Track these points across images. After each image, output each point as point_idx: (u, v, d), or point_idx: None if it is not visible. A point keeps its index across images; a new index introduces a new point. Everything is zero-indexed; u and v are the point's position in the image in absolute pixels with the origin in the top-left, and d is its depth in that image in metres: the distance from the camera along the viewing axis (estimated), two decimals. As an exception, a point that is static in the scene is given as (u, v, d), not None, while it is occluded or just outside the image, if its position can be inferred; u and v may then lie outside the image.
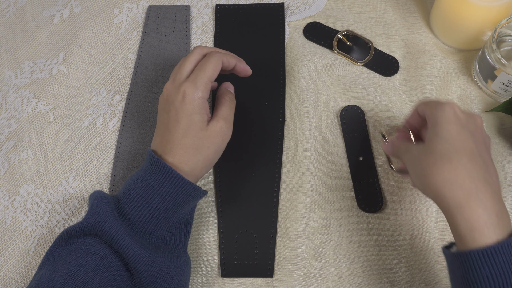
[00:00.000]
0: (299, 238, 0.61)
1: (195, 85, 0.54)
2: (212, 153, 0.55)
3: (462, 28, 0.67)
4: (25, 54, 0.74)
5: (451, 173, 0.45)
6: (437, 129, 0.48)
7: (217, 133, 0.55)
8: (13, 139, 0.69)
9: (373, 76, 0.70)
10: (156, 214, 0.53)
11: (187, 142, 0.54)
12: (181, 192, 0.53)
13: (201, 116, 0.54)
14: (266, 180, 0.65)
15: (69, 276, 0.49)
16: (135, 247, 0.51)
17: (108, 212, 0.52)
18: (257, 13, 0.74)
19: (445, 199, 0.45)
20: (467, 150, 0.46)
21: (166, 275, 0.52)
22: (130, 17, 0.76)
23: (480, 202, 0.44)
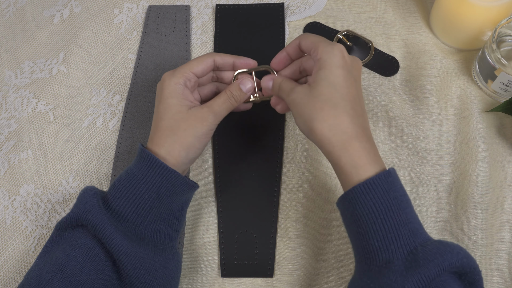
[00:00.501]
0: (299, 238, 0.61)
1: (173, 73, 0.56)
2: (189, 136, 0.54)
3: (462, 28, 0.67)
4: (25, 54, 0.74)
5: (336, 119, 0.49)
6: (325, 72, 0.50)
7: (196, 117, 0.54)
8: (13, 139, 0.69)
9: (373, 76, 0.70)
10: (141, 204, 0.52)
11: (163, 124, 0.54)
12: (166, 181, 0.53)
13: (178, 100, 0.55)
14: (266, 180, 0.65)
15: (57, 269, 0.49)
16: (118, 237, 0.50)
17: (92, 202, 0.52)
18: (257, 13, 0.74)
19: (330, 143, 0.49)
20: (351, 97, 0.50)
21: (150, 267, 0.52)
22: (130, 17, 0.76)
23: (360, 144, 0.48)
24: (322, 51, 0.52)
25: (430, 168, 0.64)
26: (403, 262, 0.45)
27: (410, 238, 0.46)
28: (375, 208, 0.47)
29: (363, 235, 0.47)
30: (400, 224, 0.46)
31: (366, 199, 0.47)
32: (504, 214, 0.61)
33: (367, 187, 0.47)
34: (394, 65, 0.70)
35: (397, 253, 0.46)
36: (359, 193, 0.47)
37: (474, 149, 0.64)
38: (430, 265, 0.44)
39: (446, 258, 0.44)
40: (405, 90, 0.69)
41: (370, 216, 0.47)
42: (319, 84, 0.50)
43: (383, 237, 0.46)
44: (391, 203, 0.47)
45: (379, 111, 0.67)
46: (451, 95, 0.67)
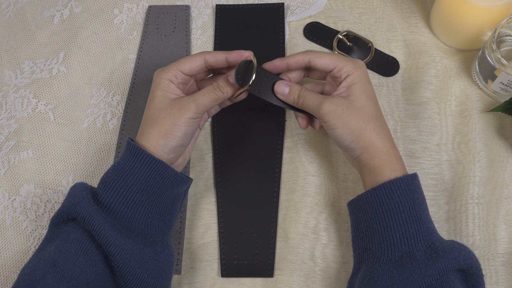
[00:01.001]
0: (299, 238, 0.61)
1: (162, 69, 0.57)
2: (167, 123, 0.53)
3: (462, 28, 0.67)
4: (25, 54, 0.74)
5: (381, 129, 0.54)
6: (361, 87, 0.55)
7: (176, 105, 0.54)
8: (13, 139, 0.69)
9: (373, 77, 0.70)
10: (131, 196, 0.52)
11: (146, 115, 0.55)
12: (153, 172, 0.53)
13: (162, 92, 0.55)
14: (266, 180, 0.65)
15: (50, 264, 0.50)
16: (106, 228, 0.50)
17: (81, 195, 0.52)
18: (257, 13, 0.74)
19: (377, 149, 0.54)
20: (381, 110, 0.57)
21: (140, 259, 0.51)
22: (130, 17, 0.76)
23: (396, 152, 0.55)
24: (352, 68, 0.56)
25: (429, 168, 0.64)
26: (424, 254, 0.49)
27: (428, 235, 0.51)
28: (401, 203, 0.51)
29: (385, 227, 0.51)
30: (420, 222, 0.51)
31: (394, 195, 0.51)
32: (503, 214, 0.61)
33: (396, 185, 0.51)
34: (394, 65, 0.70)
35: (417, 246, 0.50)
36: (388, 189, 0.51)
37: (473, 150, 0.64)
38: (449, 257, 0.48)
39: (461, 254, 0.49)
40: (405, 90, 0.69)
41: (395, 211, 0.51)
42: (360, 97, 0.54)
43: (405, 231, 0.50)
44: (414, 202, 0.51)
45: (379, 111, 0.68)
46: (451, 95, 0.67)
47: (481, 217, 0.61)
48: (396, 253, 0.50)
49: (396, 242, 0.50)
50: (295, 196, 0.63)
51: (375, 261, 0.51)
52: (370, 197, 0.52)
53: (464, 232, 0.61)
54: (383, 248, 0.51)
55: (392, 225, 0.50)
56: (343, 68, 0.56)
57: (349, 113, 0.54)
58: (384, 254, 0.50)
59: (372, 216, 0.52)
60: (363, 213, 0.53)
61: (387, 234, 0.50)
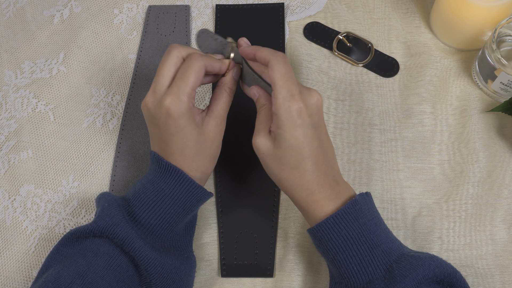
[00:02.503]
0: (298, 238, 0.61)
1: (179, 99, 0.51)
2: (215, 150, 0.55)
3: (462, 28, 0.67)
4: (25, 54, 0.74)
5: (297, 180, 0.51)
6: (284, 135, 0.50)
7: (214, 132, 0.55)
8: (13, 139, 0.69)
9: (373, 77, 0.70)
10: (167, 218, 0.53)
11: (189, 152, 0.53)
12: (192, 196, 0.53)
13: (193, 126, 0.53)
14: (266, 180, 0.64)
15: (77, 275, 0.49)
16: (147, 250, 0.51)
17: (119, 216, 0.52)
18: (257, 13, 0.74)
19: (294, 198, 0.53)
20: (312, 153, 0.51)
21: (175, 276, 0.53)
22: (130, 17, 0.76)
23: (322, 194, 0.51)
24: (280, 107, 0.49)
25: (428, 168, 0.64)
26: (383, 281, 0.48)
27: (384, 258, 0.49)
28: (348, 235, 0.49)
29: (340, 261, 0.50)
30: (373, 247, 0.49)
31: (339, 229, 0.49)
32: (502, 214, 0.61)
33: (337, 219, 0.49)
34: (394, 66, 0.70)
35: (375, 273, 0.49)
36: (330, 224, 0.50)
37: (473, 150, 0.64)
38: (406, 280, 0.47)
39: (419, 272, 0.47)
40: (405, 91, 0.69)
41: (345, 243, 0.49)
42: (281, 146, 0.50)
43: (360, 260, 0.49)
44: (361, 229, 0.49)
45: (379, 112, 0.67)
46: (451, 95, 0.67)
47: (478, 217, 0.61)
48: (357, 284, 0.49)
49: (354, 274, 0.49)
50: (295, 196, 0.63)
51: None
52: (316, 234, 0.51)
53: (462, 232, 0.61)
54: (345, 280, 0.50)
55: (346, 258, 0.49)
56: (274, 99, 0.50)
57: (269, 161, 0.52)
58: (347, 286, 0.50)
59: (325, 251, 0.51)
60: (317, 246, 0.52)
61: (344, 268, 0.50)
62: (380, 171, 0.64)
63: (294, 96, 0.50)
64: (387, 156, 0.65)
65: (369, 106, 0.68)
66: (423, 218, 0.62)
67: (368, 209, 0.51)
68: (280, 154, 0.51)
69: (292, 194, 0.52)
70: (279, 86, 0.50)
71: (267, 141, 0.52)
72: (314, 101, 0.51)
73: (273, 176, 0.53)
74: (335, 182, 0.52)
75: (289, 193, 0.53)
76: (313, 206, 0.51)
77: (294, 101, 0.49)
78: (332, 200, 0.51)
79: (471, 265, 0.59)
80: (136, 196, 0.53)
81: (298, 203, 0.53)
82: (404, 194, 0.63)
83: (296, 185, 0.51)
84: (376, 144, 0.66)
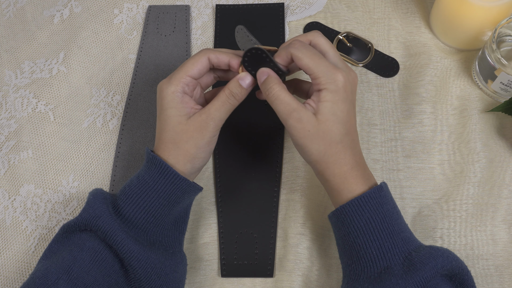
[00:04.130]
0: (298, 238, 0.61)
1: (169, 81, 0.53)
2: (192, 147, 0.53)
3: (462, 28, 0.67)
4: (25, 54, 0.74)
5: (340, 154, 0.51)
6: (332, 107, 0.51)
7: (196, 127, 0.53)
8: (13, 139, 0.69)
9: (373, 77, 0.70)
10: (152, 211, 0.53)
11: (165, 137, 0.53)
12: (176, 189, 0.53)
13: (177, 110, 0.53)
14: (266, 180, 0.65)
15: (63, 270, 0.49)
16: (129, 243, 0.51)
17: (102, 208, 0.52)
18: (257, 13, 0.74)
19: (332, 173, 0.52)
20: (353, 129, 0.53)
21: (160, 271, 0.52)
22: (130, 17, 0.76)
23: (358, 172, 0.52)
24: (326, 82, 0.50)
25: (428, 168, 0.64)
26: (401, 268, 0.48)
27: (404, 246, 0.50)
28: (372, 219, 0.50)
29: (360, 245, 0.50)
30: (394, 234, 0.50)
31: (363, 212, 0.50)
32: (502, 214, 0.61)
33: (363, 201, 0.50)
34: (394, 66, 0.70)
35: (394, 259, 0.49)
36: (356, 206, 0.50)
37: (473, 150, 0.64)
38: (426, 268, 0.47)
39: (439, 261, 0.48)
40: (405, 91, 0.69)
41: (367, 227, 0.50)
42: (328, 119, 0.50)
43: (380, 246, 0.49)
44: (384, 215, 0.50)
45: (379, 112, 0.67)
46: (451, 95, 0.67)
47: (479, 217, 0.61)
48: (374, 270, 0.49)
49: (373, 258, 0.49)
50: (295, 196, 0.63)
51: (355, 278, 0.50)
52: (340, 215, 0.51)
53: (463, 232, 0.61)
54: (361, 265, 0.50)
55: (366, 241, 0.49)
56: (318, 79, 0.51)
57: (313, 137, 0.51)
58: (363, 271, 0.50)
59: (346, 234, 0.51)
60: (338, 229, 0.52)
61: (363, 252, 0.50)
62: (380, 171, 0.64)
63: (336, 69, 0.51)
64: (387, 156, 0.65)
65: (369, 106, 0.68)
66: (423, 218, 0.62)
67: (391, 197, 0.52)
68: (327, 128, 0.51)
69: (333, 169, 0.51)
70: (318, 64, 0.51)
71: (310, 116, 0.51)
72: (352, 77, 0.53)
73: (317, 153, 0.51)
74: (364, 163, 0.53)
75: (329, 169, 0.52)
76: (350, 182, 0.51)
77: (337, 74, 0.51)
78: (365, 180, 0.52)
79: (472, 265, 0.59)
80: (122, 191, 0.54)
81: (334, 179, 0.52)
82: (404, 194, 0.63)
83: (339, 159, 0.51)
84: (376, 144, 0.66)
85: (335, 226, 0.53)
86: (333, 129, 0.51)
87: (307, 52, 0.52)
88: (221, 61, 0.55)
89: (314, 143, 0.51)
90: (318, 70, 0.51)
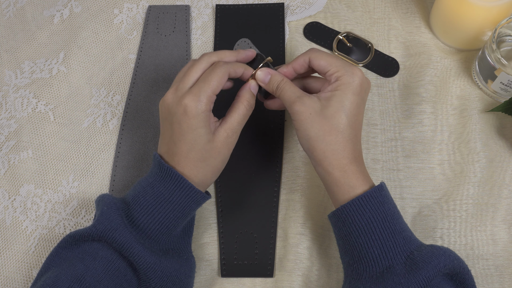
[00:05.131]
0: (298, 238, 0.61)
1: (198, 99, 0.52)
2: (219, 162, 0.55)
3: (462, 28, 0.67)
4: (25, 54, 0.74)
5: (340, 145, 0.51)
6: (341, 96, 0.52)
7: (223, 143, 0.54)
8: (13, 139, 0.69)
9: (373, 77, 0.70)
10: (165, 223, 0.53)
11: (194, 156, 0.53)
12: (192, 202, 0.53)
13: (206, 130, 0.53)
14: (266, 180, 0.65)
15: (75, 279, 0.49)
16: (146, 254, 0.51)
17: (118, 220, 0.52)
18: (257, 13, 0.74)
19: (330, 165, 0.52)
20: (357, 125, 0.53)
21: (175, 279, 0.53)
22: (130, 17, 0.76)
23: (357, 168, 0.52)
24: (344, 73, 0.52)
25: (428, 168, 0.64)
26: (403, 266, 0.48)
27: (406, 245, 0.50)
28: (373, 218, 0.50)
29: (361, 244, 0.50)
30: (395, 233, 0.50)
31: (364, 211, 0.50)
32: (502, 214, 0.61)
33: (365, 200, 0.50)
34: (394, 66, 0.70)
35: (396, 259, 0.49)
36: (357, 205, 0.50)
37: (473, 150, 0.64)
38: (428, 267, 0.47)
39: (441, 260, 0.48)
40: (405, 91, 0.69)
41: (368, 226, 0.50)
42: (333, 106, 0.51)
43: (382, 245, 0.49)
44: (386, 214, 0.50)
45: (379, 112, 0.67)
46: (451, 95, 0.67)
47: (479, 217, 0.61)
48: (376, 269, 0.49)
49: (374, 258, 0.49)
50: (295, 196, 0.64)
51: (358, 278, 0.50)
52: (341, 215, 0.51)
53: (463, 232, 0.61)
54: (363, 265, 0.50)
55: (368, 241, 0.49)
56: (336, 72, 0.53)
57: (314, 120, 0.51)
58: (365, 271, 0.50)
59: (347, 233, 0.51)
60: (339, 229, 0.52)
61: (364, 252, 0.50)
62: (380, 171, 0.64)
63: (355, 67, 0.53)
64: (387, 156, 0.65)
65: (369, 106, 0.68)
66: (423, 218, 0.62)
67: (390, 197, 0.52)
68: (330, 113, 0.51)
69: (331, 159, 0.51)
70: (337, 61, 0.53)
71: (313, 102, 0.52)
72: (368, 82, 0.54)
73: (315, 139, 0.52)
74: (363, 162, 0.54)
75: (327, 158, 0.51)
76: (350, 176, 0.51)
77: (356, 70, 0.53)
78: (365, 178, 0.52)
79: (472, 265, 0.59)
80: (135, 200, 0.53)
81: (333, 171, 0.51)
82: (404, 194, 0.63)
83: (338, 149, 0.51)
84: (376, 144, 0.66)
85: (335, 226, 0.53)
86: (336, 116, 0.51)
87: (325, 53, 0.55)
88: (238, 73, 0.56)
89: (314, 127, 0.52)
90: (337, 65, 0.53)
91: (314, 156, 0.52)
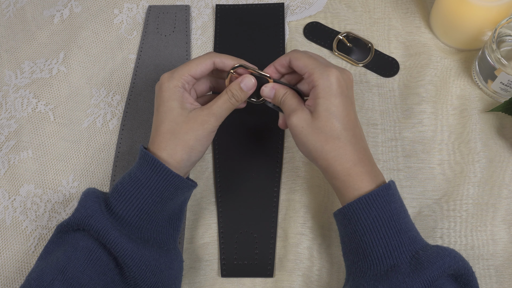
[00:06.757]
0: (298, 238, 0.61)
1: (172, 75, 0.55)
2: (191, 139, 0.54)
3: (462, 28, 0.67)
4: (25, 54, 0.74)
5: (340, 150, 0.52)
6: (325, 103, 0.52)
7: (196, 120, 0.54)
8: (13, 139, 0.69)
9: (373, 77, 0.70)
10: (145, 208, 0.52)
11: (164, 127, 0.54)
12: (169, 185, 0.53)
13: (178, 103, 0.54)
14: (266, 180, 0.65)
15: (58, 271, 0.49)
16: (123, 241, 0.50)
17: (94, 207, 0.52)
18: (257, 13, 0.75)
19: (335, 171, 0.52)
20: (351, 124, 0.53)
21: (155, 269, 0.52)
22: (130, 17, 0.76)
23: (362, 169, 0.52)
24: (319, 78, 0.52)
25: (428, 168, 0.64)
26: (408, 266, 0.48)
27: (411, 245, 0.49)
28: (379, 217, 0.49)
29: (367, 243, 0.50)
30: (401, 232, 0.50)
31: (371, 210, 0.50)
32: (502, 214, 0.61)
33: (371, 199, 0.50)
34: (394, 66, 0.70)
35: (401, 258, 0.49)
36: (363, 204, 0.50)
37: (473, 150, 0.64)
38: (433, 267, 0.47)
39: (446, 261, 0.48)
40: (405, 91, 0.69)
41: (374, 225, 0.49)
42: (322, 115, 0.52)
43: (387, 244, 0.49)
44: (392, 213, 0.50)
45: (379, 112, 0.67)
46: (451, 95, 0.67)
47: (479, 217, 0.61)
48: (381, 268, 0.49)
49: (379, 256, 0.49)
50: (295, 196, 0.64)
51: (362, 276, 0.50)
52: (347, 213, 0.51)
53: (463, 232, 0.61)
54: (368, 263, 0.50)
55: (374, 239, 0.49)
56: (311, 76, 0.53)
57: (308, 133, 0.52)
58: (370, 269, 0.50)
59: (353, 231, 0.51)
60: (344, 227, 0.52)
61: (370, 250, 0.50)
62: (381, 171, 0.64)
63: (329, 66, 0.53)
64: (387, 156, 0.65)
65: (369, 106, 0.68)
66: (423, 218, 0.62)
67: (398, 196, 0.52)
68: (321, 124, 0.52)
69: (335, 166, 0.52)
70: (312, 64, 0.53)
71: (305, 114, 0.53)
72: (347, 75, 0.54)
73: (314, 150, 0.52)
74: (371, 159, 0.53)
75: (331, 166, 0.52)
76: (355, 179, 0.51)
77: (330, 71, 0.52)
78: (372, 178, 0.52)
79: (472, 265, 0.59)
80: (114, 189, 0.53)
81: (339, 176, 0.52)
82: (404, 194, 0.63)
83: (339, 155, 0.51)
84: (376, 144, 0.66)
85: (340, 224, 0.53)
86: (328, 124, 0.52)
87: (305, 54, 0.55)
88: (227, 65, 0.56)
89: (310, 140, 0.52)
90: (313, 67, 0.53)
91: (319, 165, 0.53)
